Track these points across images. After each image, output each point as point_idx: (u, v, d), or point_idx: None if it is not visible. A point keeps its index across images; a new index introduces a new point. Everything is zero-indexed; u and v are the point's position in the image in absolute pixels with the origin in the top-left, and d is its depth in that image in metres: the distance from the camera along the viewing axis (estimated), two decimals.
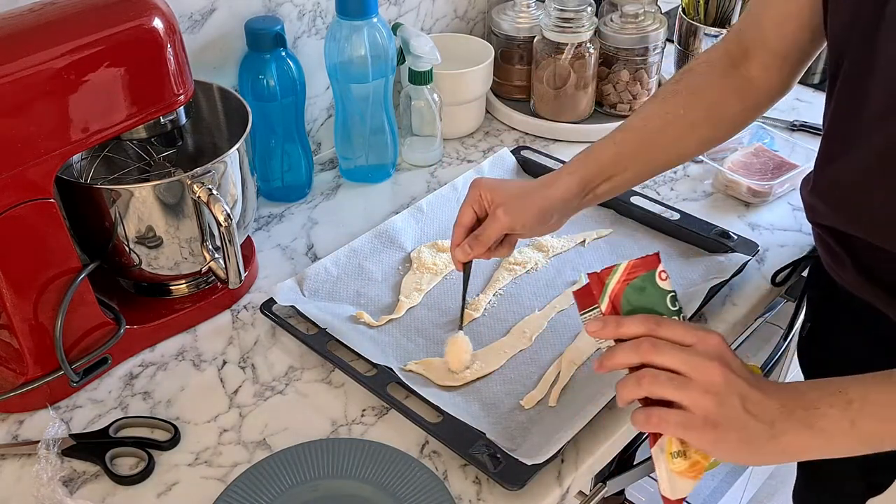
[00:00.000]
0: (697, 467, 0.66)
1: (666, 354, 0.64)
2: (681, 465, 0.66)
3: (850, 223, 0.79)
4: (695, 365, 0.63)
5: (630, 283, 0.68)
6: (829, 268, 0.88)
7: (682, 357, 0.64)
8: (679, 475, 0.66)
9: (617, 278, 0.68)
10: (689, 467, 0.66)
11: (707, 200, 1.16)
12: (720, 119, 0.90)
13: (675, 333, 0.65)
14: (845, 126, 0.77)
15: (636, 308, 0.68)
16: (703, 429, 0.62)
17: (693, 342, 0.64)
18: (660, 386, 0.63)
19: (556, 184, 0.87)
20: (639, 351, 0.65)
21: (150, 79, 0.81)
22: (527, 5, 1.33)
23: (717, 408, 0.62)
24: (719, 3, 1.32)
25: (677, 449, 0.66)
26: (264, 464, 0.79)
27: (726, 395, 0.62)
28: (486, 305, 0.98)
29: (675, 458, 0.66)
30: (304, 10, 1.15)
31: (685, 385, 0.63)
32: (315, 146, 1.26)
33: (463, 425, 0.81)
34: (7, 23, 0.74)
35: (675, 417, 0.63)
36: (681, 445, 0.66)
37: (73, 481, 0.79)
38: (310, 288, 0.98)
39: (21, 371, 0.84)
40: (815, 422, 0.63)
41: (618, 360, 0.66)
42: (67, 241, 0.82)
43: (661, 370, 0.64)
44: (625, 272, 0.68)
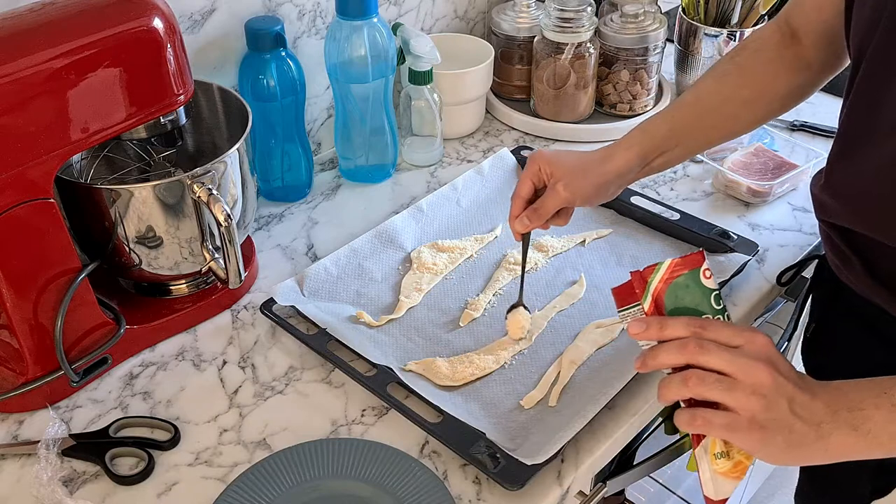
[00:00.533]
0: (740, 468, 0.66)
1: (713, 355, 0.63)
2: (724, 465, 0.65)
3: (861, 221, 0.79)
4: (742, 366, 0.62)
5: (673, 282, 0.67)
6: (836, 267, 0.88)
7: (728, 358, 0.62)
8: (722, 476, 0.66)
9: (660, 276, 0.67)
10: (732, 468, 0.66)
11: (707, 200, 1.16)
12: (774, 96, 0.91)
13: (721, 335, 0.64)
14: (863, 124, 0.77)
15: (680, 306, 0.67)
16: (749, 431, 0.62)
17: (740, 343, 0.63)
18: (707, 387, 0.62)
19: (614, 158, 0.89)
20: (684, 351, 0.63)
21: (150, 79, 0.81)
22: (527, 5, 1.33)
23: (764, 410, 0.61)
24: (719, 3, 1.32)
25: (721, 450, 0.65)
26: (264, 464, 0.79)
27: (774, 398, 0.62)
28: (486, 305, 0.98)
29: (719, 459, 0.65)
30: (304, 10, 1.15)
31: (732, 387, 0.62)
32: (315, 146, 1.26)
33: (463, 425, 0.81)
34: (7, 23, 0.74)
35: (721, 419, 0.62)
36: (724, 446, 0.65)
37: (73, 481, 0.79)
38: (310, 288, 0.98)
39: (21, 371, 0.84)
40: (861, 423, 0.62)
41: (662, 359, 0.65)
42: (67, 241, 0.82)
43: (708, 371, 0.63)
44: (668, 270, 0.67)
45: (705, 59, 1.33)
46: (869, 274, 0.82)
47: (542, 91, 1.30)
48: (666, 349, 0.65)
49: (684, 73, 1.38)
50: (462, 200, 1.13)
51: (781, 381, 0.62)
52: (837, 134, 0.82)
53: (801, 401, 0.62)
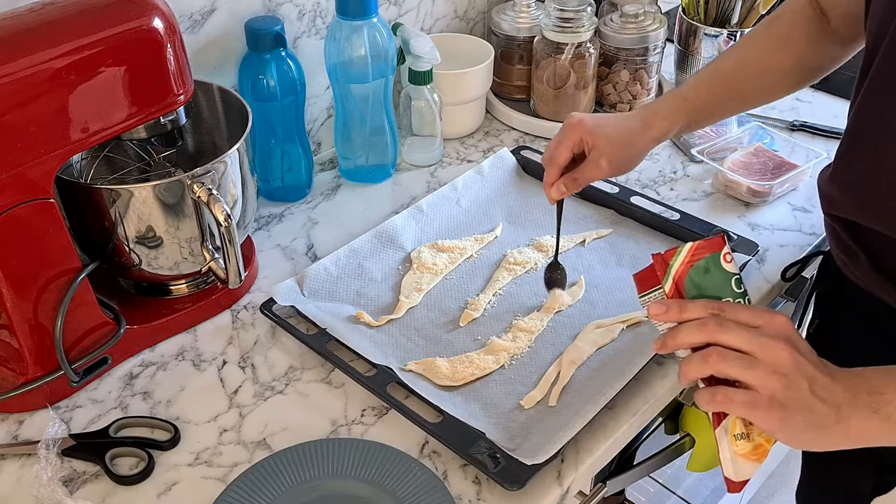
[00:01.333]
0: (760, 450, 0.66)
1: (733, 333, 0.63)
2: (744, 447, 0.65)
3: (872, 215, 0.79)
4: (762, 345, 0.62)
5: (694, 265, 0.67)
6: (841, 262, 0.88)
7: (748, 337, 0.62)
8: (742, 457, 0.66)
9: (681, 260, 0.67)
10: (752, 450, 0.66)
11: (707, 200, 1.16)
12: (809, 65, 0.93)
13: (740, 316, 0.64)
14: (876, 116, 0.77)
15: (701, 290, 0.67)
16: (770, 409, 0.61)
17: (760, 324, 0.63)
18: (727, 364, 0.62)
19: (652, 128, 0.91)
20: (705, 330, 0.63)
21: (150, 79, 0.81)
22: (527, 5, 1.33)
23: (785, 389, 0.61)
24: (719, 3, 1.32)
25: (741, 431, 0.65)
26: (264, 464, 0.79)
27: (794, 377, 0.61)
28: (486, 305, 0.98)
29: (739, 440, 0.65)
30: (304, 10, 1.15)
31: (753, 365, 0.62)
32: (315, 146, 1.26)
33: (463, 425, 0.81)
34: (7, 23, 0.74)
35: (741, 397, 0.62)
36: (745, 428, 0.65)
37: (73, 481, 0.79)
38: (310, 288, 0.98)
39: (21, 371, 0.84)
40: (882, 407, 0.62)
41: (682, 338, 0.65)
42: (67, 241, 0.82)
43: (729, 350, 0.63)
44: (689, 254, 0.67)
45: (705, 59, 1.33)
46: (875, 269, 0.82)
47: (542, 91, 1.30)
48: (686, 328, 0.65)
49: (684, 73, 1.38)
50: (462, 200, 1.13)
51: (802, 361, 0.62)
52: (848, 126, 0.82)
53: (821, 382, 0.62)
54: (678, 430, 1.00)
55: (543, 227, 1.10)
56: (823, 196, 0.86)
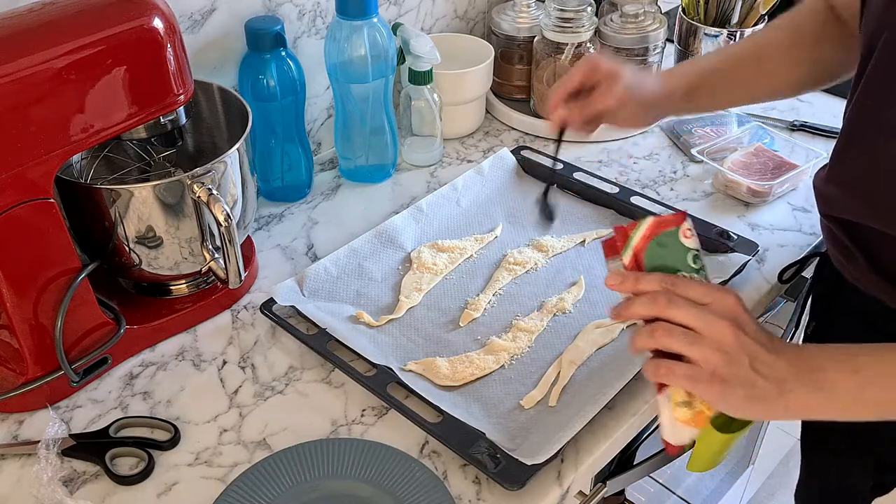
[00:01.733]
0: (701, 417, 0.67)
1: (681, 309, 0.65)
2: (685, 414, 0.67)
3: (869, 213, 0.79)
4: (707, 322, 0.64)
5: (654, 239, 0.69)
6: (839, 263, 0.88)
7: (695, 314, 0.64)
8: (682, 423, 0.68)
9: (641, 234, 0.69)
10: (692, 417, 0.67)
11: (707, 200, 1.16)
12: (821, 62, 0.92)
13: (691, 292, 0.66)
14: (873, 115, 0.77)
15: (658, 264, 0.69)
16: (710, 383, 0.63)
17: (709, 301, 0.65)
18: (672, 339, 0.64)
19: (667, 80, 0.91)
20: (655, 304, 0.65)
21: (150, 79, 0.81)
22: (527, 5, 1.33)
23: (726, 365, 0.63)
24: (719, 3, 1.32)
25: (683, 399, 0.67)
26: (264, 464, 0.79)
27: (735, 355, 0.63)
28: (486, 305, 0.98)
29: (680, 408, 0.67)
30: (304, 10, 1.15)
31: (696, 341, 0.64)
32: (315, 146, 1.26)
33: (463, 425, 0.81)
34: (7, 23, 0.74)
35: (683, 370, 0.64)
36: (687, 396, 0.67)
37: (73, 481, 0.79)
38: (310, 288, 0.98)
39: (21, 371, 0.84)
40: (824, 384, 0.64)
41: (633, 310, 0.67)
42: (67, 241, 0.82)
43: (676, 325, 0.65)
44: (649, 228, 0.69)
45: None
46: (872, 269, 0.82)
47: (542, 91, 1.30)
48: (638, 301, 0.67)
49: None
50: (462, 200, 1.13)
51: (745, 340, 0.64)
52: (844, 125, 0.82)
53: (763, 359, 0.64)
54: None
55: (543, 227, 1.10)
56: (820, 196, 0.86)
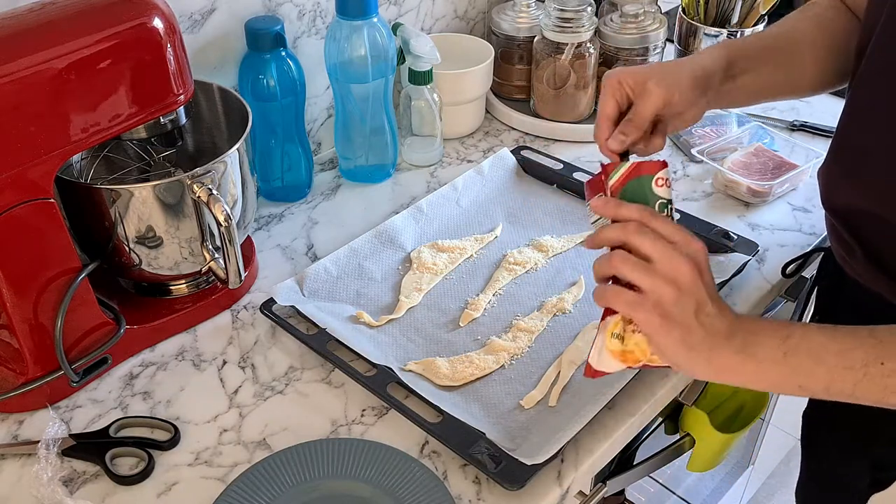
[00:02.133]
0: (629, 356, 0.68)
1: (647, 239, 0.65)
2: (615, 345, 0.68)
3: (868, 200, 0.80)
4: (669, 257, 0.64)
5: (628, 182, 0.70)
6: (840, 257, 0.88)
7: (660, 247, 0.65)
8: (609, 353, 0.69)
9: (619, 175, 0.70)
10: (621, 352, 0.68)
11: (707, 200, 1.16)
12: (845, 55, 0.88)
13: (664, 228, 0.66)
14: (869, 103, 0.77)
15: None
16: (651, 313, 0.64)
17: (677, 241, 0.66)
18: (626, 266, 0.65)
19: (703, 54, 0.86)
20: (625, 230, 0.66)
21: (151, 79, 0.81)
22: (527, 5, 1.33)
23: (672, 302, 0.63)
24: (719, 3, 1.32)
25: (618, 332, 0.68)
26: (264, 464, 0.79)
27: (686, 295, 0.64)
28: (485, 305, 0.98)
29: (613, 339, 0.68)
30: (304, 10, 1.15)
31: (650, 271, 0.64)
32: (315, 146, 1.26)
33: (463, 425, 0.81)
34: (7, 23, 0.74)
35: (627, 296, 0.65)
36: (622, 330, 0.68)
37: (73, 481, 0.79)
38: (310, 288, 0.98)
39: (21, 371, 0.84)
40: (750, 348, 0.65)
41: (604, 235, 0.68)
42: (67, 241, 0.82)
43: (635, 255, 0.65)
44: (627, 170, 0.70)
45: None
46: (874, 263, 0.82)
47: (542, 91, 1.30)
48: (611, 227, 0.67)
49: None
50: (462, 200, 1.13)
51: (699, 284, 0.64)
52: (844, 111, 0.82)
53: (708, 310, 0.64)
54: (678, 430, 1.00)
55: (543, 227, 1.10)
56: (822, 186, 0.87)
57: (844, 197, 0.83)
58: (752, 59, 0.87)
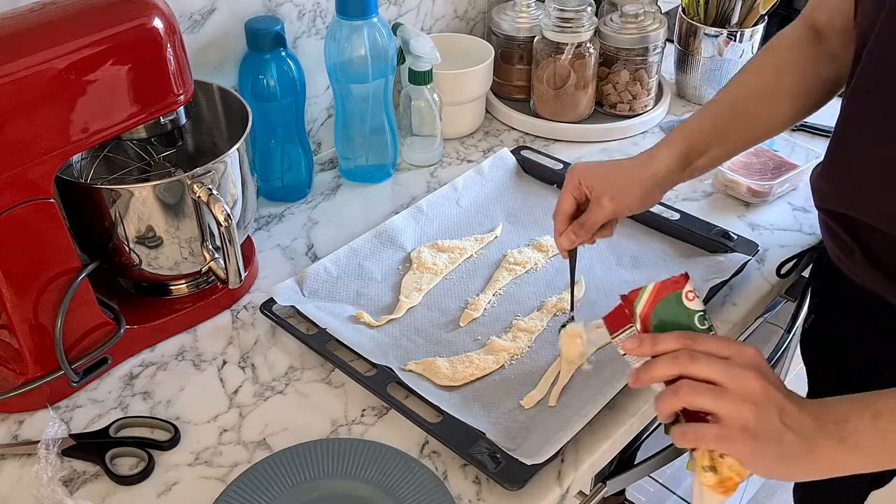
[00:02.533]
0: (728, 483, 0.66)
1: (704, 364, 0.63)
2: (710, 479, 0.66)
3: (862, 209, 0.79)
4: (733, 375, 0.62)
5: (658, 304, 0.68)
6: (836, 257, 0.88)
7: (720, 367, 0.63)
8: (709, 489, 0.66)
9: (645, 300, 0.68)
10: (718, 482, 0.66)
11: (707, 200, 1.16)
12: (809, 92, 0.91)
13: (711, 346, 0.64)
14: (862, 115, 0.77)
15: (665, 327, 0.68)
16: (742, 440, 0.62)
17: (730, 354, 0.64)
18: (698, 395, 0.63)
19: (657, 159, 0.89)
20: (676, 362, 0.64)
21: (151, 79, 0.81)
22: (527, 5, 1.33)
23: (755, 419, 0.61)
24: (719, 3, 1.32)
25: (708, 464, 0.66)
26: (264, 464, 0.79)
27: (764, 406, 0.62)
28: (485, 305, 0.98)
29: (706, 472, 0.66)
30: (304, 10, 1.15)
31: (723, 395, 0.62)
32: (315, 146, 1.26)
33: (463, 425, 0.81)
34: (7, 23, 0.74)
35: (712, 431, 0.63)
36: (711, 461, 0.66)
37: (73, 481, 0.79)
38: (310, 288, 0.98)
39: (21, 371, 0.84)
40: (848, 436, 0.63)
41: (655, 372, 0.65)
42: (67, 241, 0.82)
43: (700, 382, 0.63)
44: (652, 294, 0.68)
45: (705, 59, 1.33)
46: (870, 263, 0.82)
47: (542, 91, 1.30)
48: (659, 361, 0.65)
49: (684, 73, 1.38)
50: (462, 200, 1.13)
51: (771, 391, 0.62)
52: (837, 122, 0.82)
53: (790, 411, 0.62)
54: None
55: (543, 227, 1.10)
56: (815, 189, 0.87)
57: (843, 201, 0.83)
58: (714, 134, 0.90)
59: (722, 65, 1.33)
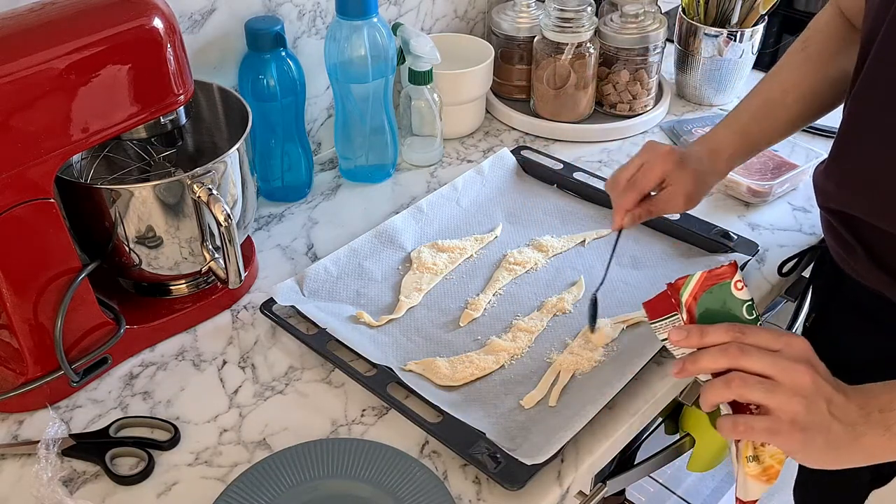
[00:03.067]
0: (770, 472, 0.67)
1: (754, 358, 0.63)
2: (754, 469, 0.67)
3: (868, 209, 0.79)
4: (783, 368, 0.63)
5: (705, 293, 0.67)
6: (838, 256, 0.88)
7: (770, 360, 0.63)
8: (753, 479, 0.67)
9: (690, 289, 0.68)
10: (762, 471, 0.67)
11: (707, 200, 1.16)
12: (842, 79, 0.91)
13: (760, 339, 0.65)
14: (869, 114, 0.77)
15: (711, 317, 0.67)
16: (791, 433, 0.62)
17: (779, 347, 0.64)
18: (749, 389, 0.63)
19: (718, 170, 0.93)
20: (727, 355, 0.64)
21: (151, 79, 0.81)
22: (527, 5, 1.33)
23: (805, 412, 0.62)
24: (719, 3, 1.32)
25: (752, 454, 0.66)
26: (264, 464, 0.79)
27: (814, 399, 0.62)
28: (485, 305, 0.98)
29: (750, 462, 0.67)
30: (304, 10, 1.15)
31: (774, 388, 0.62)
32: (315, 146, 1.26)
33: (463, 425, 0.81)
34: (7, 23, 0.74)
35: (763, 423, 0.63)
36: (754, 451, 0.66)
37: (73, 481, 0.79)
38: (310, 288, 0.98)
39: (21, 371, 0.84)
40: (893, 424, 0.63)
41: (703, 363, 0.65)
42: (67, 241, 0.82)
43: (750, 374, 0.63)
44: (698, 283, 0.67)
45: (705, 59, 1.33)
46: (872, 262, 0.82)
47: (542, 91, 1.30)
48: (708, 354, 0.65)
49: (684, 73, 1.38)
50: (462, 200, 1.13)
51: (821, 383, 0.63)
52: (843, 121, 0.82)
53: (837, 402, 0.63)
54: (678, 430, 1.00)
55: (543, 227, 1.10)
56: (818, 188, 0.87)
57: (847, 200, 0.82)
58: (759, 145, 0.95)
59: (722, 65, 1.33)
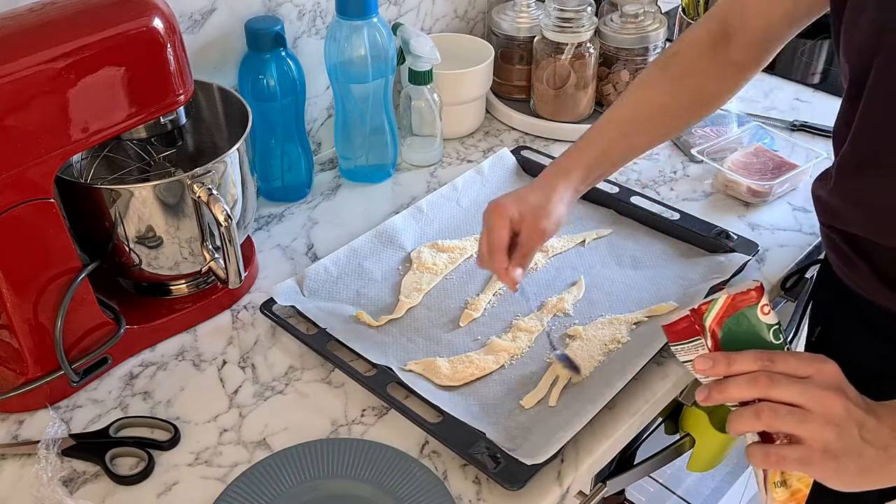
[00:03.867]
0: (798, 496, 0.66)
1: (784, 388, 0.62)
2: (782, 494, 0.66)
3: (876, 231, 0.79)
4: (814, 397, 0.62)
5: (730, 317, 0.66)
6: (840, 270, 0.87)
7: (800, 390, 0.62)
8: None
9: (714, 313, 0.66)
10: (790, 496, 0.66)
11: (707, 200, 1.16)
12: (706, 101, 0.93)
13: (790, 366, 0.63)
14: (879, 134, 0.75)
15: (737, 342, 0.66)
16: (823, 462, 0.61)
17: (810, 374, 0.63)
18: (780, 420, 0.62)
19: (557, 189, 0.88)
20: (756, 385, 0.63)
21: (151, 79, 0.81)
22: (527, 5, 1.33)
23: (837, 439, 0.61)
24: None
25: (779, 479, 0.66)
26: (264, 464, 0.79)
27: (846, 425, 0.61)
28: (485, 305, 0.98)
29: (778, 488, 0.66)
30: (304, 10, 1.15)
31: (805, 418, 0.61)
32: (315, 146, 1.26)
33: (463, 425, 0.81)
34: (7, 23, 0.74)
35: (794, 453, 0.62)
36: (782, 476, 0.65)
37: (73, 481, 0.79)
38: (310, 288, 0.98)
39: (21, 371, 0.84)
40: None
41: (731, 393, 0.64)
42: (67, 241, 0.82)
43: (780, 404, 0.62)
44: (723, 307, 0.66)
45: None
46: (876, 277, 0.81)
47: (542, 91, 1.30)
48: (735, 383, 0.64)
49: None
50: (462, 200, 1.13)
51: (852, 409, 0.62)
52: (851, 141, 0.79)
53: (869, 426, 0.62)
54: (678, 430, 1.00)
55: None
56: (823, 208, 0.85)
57: (846, 224, 0.82)
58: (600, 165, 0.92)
59: None
